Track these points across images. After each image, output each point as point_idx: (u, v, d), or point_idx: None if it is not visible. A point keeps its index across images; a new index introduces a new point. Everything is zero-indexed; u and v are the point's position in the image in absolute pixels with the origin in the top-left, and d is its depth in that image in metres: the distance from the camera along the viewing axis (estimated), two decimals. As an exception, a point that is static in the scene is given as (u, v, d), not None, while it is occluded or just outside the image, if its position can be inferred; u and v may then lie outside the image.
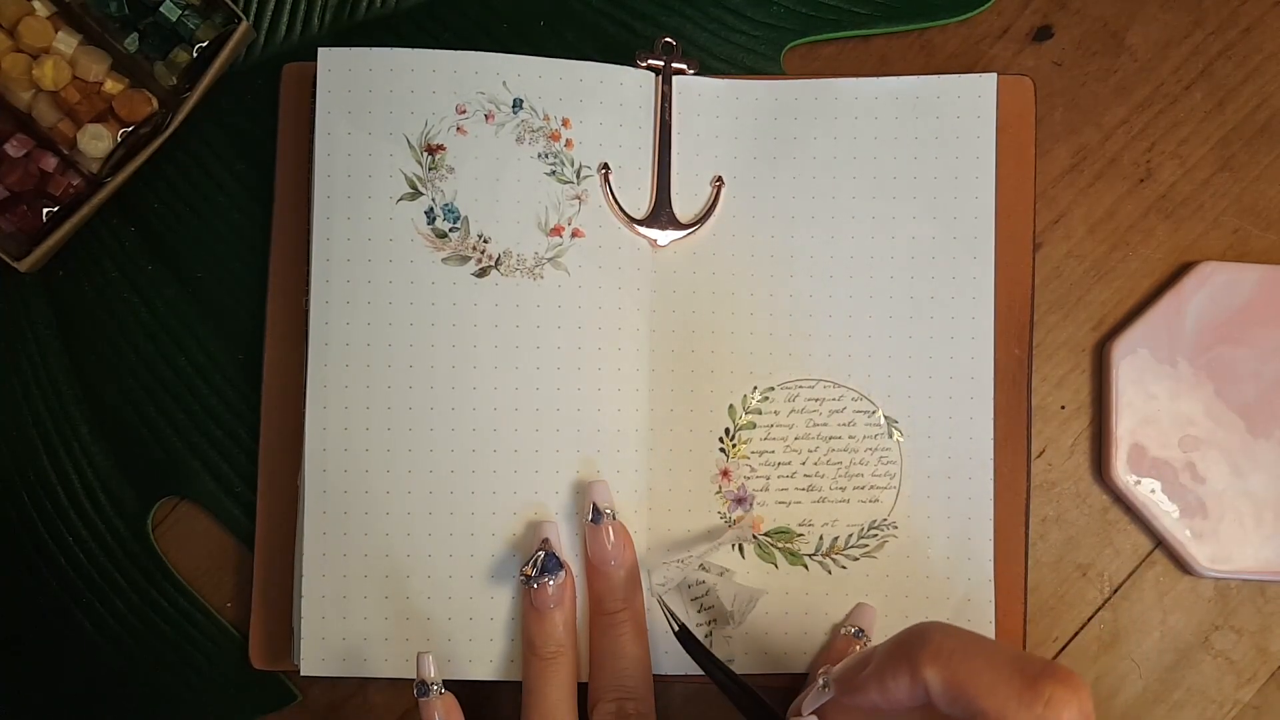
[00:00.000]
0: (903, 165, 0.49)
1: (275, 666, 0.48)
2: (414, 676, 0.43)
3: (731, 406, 0.48)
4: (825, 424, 0.48)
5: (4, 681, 0.49)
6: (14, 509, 0.50)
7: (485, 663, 0.46)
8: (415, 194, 0.47)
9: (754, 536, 0.47)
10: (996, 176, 0.48)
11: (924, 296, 0.48)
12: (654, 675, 0.45)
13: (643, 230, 0.48)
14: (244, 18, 0.49)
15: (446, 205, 0.47)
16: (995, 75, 0.49)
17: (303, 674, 0.46)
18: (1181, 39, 0.51)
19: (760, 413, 0.48)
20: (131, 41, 0.49)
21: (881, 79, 0.49)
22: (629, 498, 0.47)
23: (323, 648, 0.46)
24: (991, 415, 0.48)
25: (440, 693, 0.43)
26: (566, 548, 0.46)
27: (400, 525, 0.46)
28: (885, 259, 0.48)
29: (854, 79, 0.49)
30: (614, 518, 0.45)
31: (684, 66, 0.49)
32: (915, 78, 0.49)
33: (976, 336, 0.48)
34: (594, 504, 0.45)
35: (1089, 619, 0.49)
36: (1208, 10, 0.52)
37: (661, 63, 0.49)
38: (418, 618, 0.46)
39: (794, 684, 0.46)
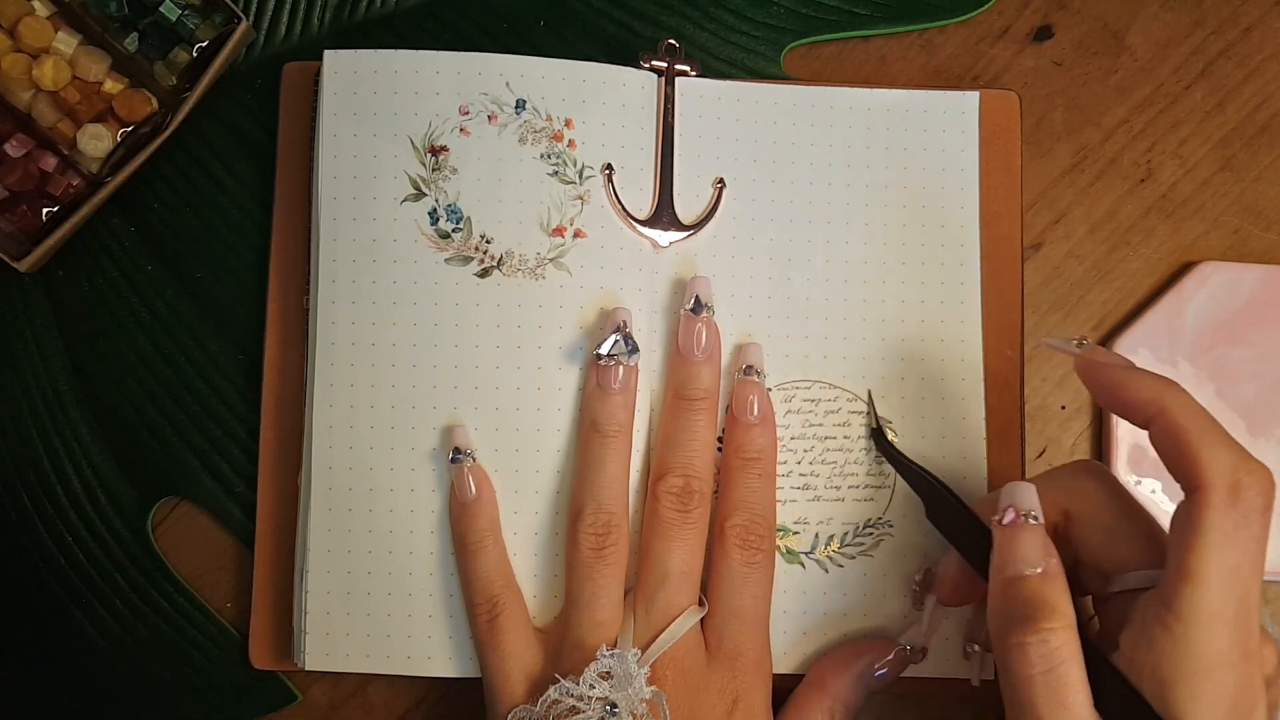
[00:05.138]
0: (893, 174, 0.49)
1: (275, 666, 0.48)
2: (419, 681, 0.42)
3: (729, 407, 0.48)
4: (821, 424, 0.48)
5: (4, 682, 0.49)
6: (14, 509, 0.50)
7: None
8: (419, 195, 0.47)
9: None
10: (981, 187, 0.49)
11: (914, 300, 0.48)
12: None
13: (645, 231, 0.48)
14: (244, 17, 0.49)
15: (450, 206, 0.47)
16: (978, 94, 0.50)
17: (307, 669, 0.46)
18: (1182, 39, 0.52)
19: (760, 413, 0.48)
20: (131, 41, 0.49)
21: (873, 90, 0.50)
22: (631, 499, 0.47)
23: (327, 643, 0.46)
24: (983, 415, 0.48)
25: (474, 460, 0.45)
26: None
27: (404, 523, 0.46)
28: (877, 263, 0.49)
29: (850, 89, 0.50)
30: (713, 313, 0.46)
31: (687, 68, 0.49)
32: (903, 91, 0.50)
33: (965, 339, 0.48)
34: (697, 296, 0.46)
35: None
36: (1208, 10, 0.52)
37: (665, 64, 0.49)
38: (420, 615, 0.46)
39: (792, 684, 0.46)
